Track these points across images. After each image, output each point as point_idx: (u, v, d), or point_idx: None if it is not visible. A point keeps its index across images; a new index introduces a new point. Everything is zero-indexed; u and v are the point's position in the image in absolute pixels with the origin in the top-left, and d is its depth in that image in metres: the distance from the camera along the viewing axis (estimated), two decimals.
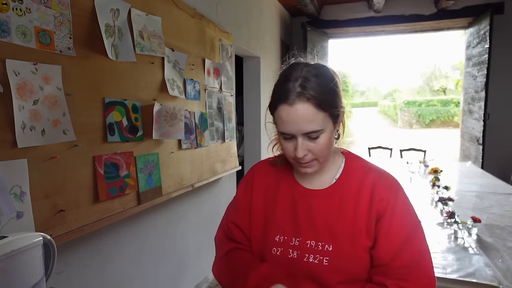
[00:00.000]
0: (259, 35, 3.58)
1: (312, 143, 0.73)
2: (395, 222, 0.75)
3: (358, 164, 0.84)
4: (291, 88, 0.71)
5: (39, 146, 1.01)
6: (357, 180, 0.79)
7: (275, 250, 0.78)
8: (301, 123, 0.71)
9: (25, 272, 0.71)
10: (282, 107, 0.72)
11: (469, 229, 1.73)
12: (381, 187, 0.77)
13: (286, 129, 0.73)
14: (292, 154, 0.75)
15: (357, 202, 0.77)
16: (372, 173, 0.80)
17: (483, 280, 1.28)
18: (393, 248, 0.74)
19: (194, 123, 1.97)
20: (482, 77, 4.08)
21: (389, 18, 4.67)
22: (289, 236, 0.78)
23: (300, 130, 0.71)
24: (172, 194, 1.75)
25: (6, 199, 0.88)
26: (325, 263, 0.74)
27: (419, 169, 3.48)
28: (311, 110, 0.71)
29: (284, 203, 0.82)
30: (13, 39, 0.93)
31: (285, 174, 0.87)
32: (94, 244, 1.37)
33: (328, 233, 0.76)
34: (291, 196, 0.82)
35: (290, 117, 0.71)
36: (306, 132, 0.72)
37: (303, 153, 0.73)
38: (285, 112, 0.72)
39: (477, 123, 4.30)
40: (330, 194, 0.79)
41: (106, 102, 1.28)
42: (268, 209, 0.84)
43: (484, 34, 4.08)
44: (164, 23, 1.66)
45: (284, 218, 0.81)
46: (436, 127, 17.36)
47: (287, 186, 0.84)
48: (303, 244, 0.77)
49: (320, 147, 0.73)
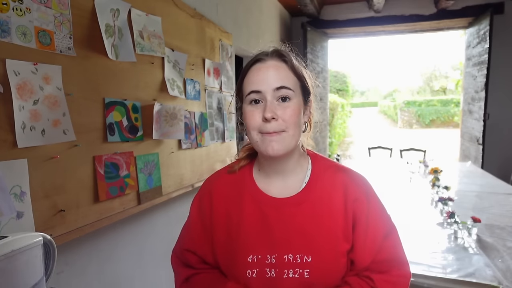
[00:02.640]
0: (259, 35, 3.58)
1: (281, 107, 0.68)
2: (372, 222, 0.72)
3: (325, 164, 0.78)
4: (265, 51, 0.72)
5: (39, 146, 1.01)
6: (328, 182, 0.74)
7: (250, 273, 0.70)
8: (273, 78, 0.68)
9: (25, 272, 0.71)
10: (254, 67, 0.70)
11: (469, 229, 1.73)
12: (353, 187, 0.73)
13: (255, 86, 0.68)
14: (257, 122, 0.68)
15: (330, 206, 0.72)
16: (340, 173, 0.76)
17: (483, 280, 1.28)
18: (374, 249, 0.72)
19: (194, 123, 1.97)
20: (482, 77, 4.08)
21: (389, 18, 4.67)
22: (263, 254, 0.70)
23: (270, 84, 0.68)
24: (172, 194, 1.75)
25: (6, 199, 0.88)
26: (306, 276, 0.68)
27: (419, 169, 3.49)
28: (284, 68, 0.70)
29: (252, 218, 0.73)
30: (13, 39, 0.93)
31: (246, 184, 0.77)
32: (94, 244, 1.37)
33: (304, 243, 0.70)
34: (258, 208, 0.74)
35: (261, 72, 0.69)
36: (277, 86, 0.67)
37: (271, 114, 0.66)
38: (256, 70, 0.69)
39: (477, 123, 4.30)
40: (301, 201, 0.73)
41: (106, 102, 1.29)
42: (233, 227, 0.74)
43: (484, 34, 4.08)
44: (164, 23, 1.66)
45: (255, 235, 0.72)
46: (436, 127, 17.36)
47: (252, 198, 0.75)
48: (280, 260, 0.70)
49: (291, 112, 0.68)
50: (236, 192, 0.77)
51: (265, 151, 0.69)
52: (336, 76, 15.75)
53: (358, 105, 29.00)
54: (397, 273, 0.72)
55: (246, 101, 0.71)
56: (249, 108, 0.70)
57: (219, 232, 0.76)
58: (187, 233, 0.81)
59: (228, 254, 0.74)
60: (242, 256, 0.72)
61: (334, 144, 10.02)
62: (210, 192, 0.79)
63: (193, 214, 0.81)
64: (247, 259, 0.71)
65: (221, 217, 0.76)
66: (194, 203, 0.82)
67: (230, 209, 0.76)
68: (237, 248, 0.73)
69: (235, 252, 0.73)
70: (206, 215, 0.78)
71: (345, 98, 14.39)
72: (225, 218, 0.76)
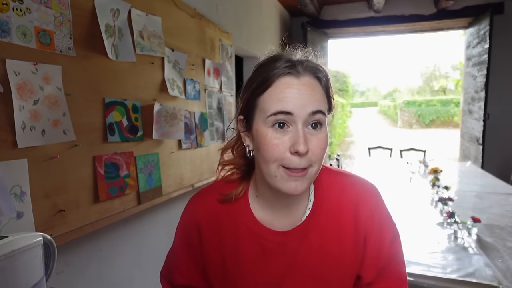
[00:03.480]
0: (259, 35, 3.58)
1: (314, 137, 0.55)
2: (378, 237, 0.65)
3: (329, 180, 0.66)
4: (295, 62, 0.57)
5: (39, 146, 1.01)
6: (334, 203, 0.64)
7: None
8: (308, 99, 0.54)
9: (25, 272, 0.71)
10: (283, 79, 0.55)
11: (469, 229, 1.73)
12: (364, 204, 0.64)
13: (285, 106, 0.53)
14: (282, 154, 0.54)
15: (339, 229, 0.63)
16: (349, 190, 0.65)
17: (483, 280, 1.28)
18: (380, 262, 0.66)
19: (194, 123, 1.97)
20: (482, 77, 4.08)
21: (389, 18, 4.67)
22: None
23: (306, 107, 0.54)
24: (172, 194, 1.75)
25: (6, 199, 0.88)
26: None
27: (419, 169, 3.49)
28: (319, 89, 0.57)
29: (251, 255, 0.63)
30: (13, 39, 0.93)
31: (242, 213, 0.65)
32: (94, 244, 1.37)
33: (313, 279, 0.63)
34: (259, 244, 0.63)
35: (295, 89, 0.54)
36: (314, 110, 0.54)
37: (305, 148, 0.53)
38: (286, 84, 0.55)
39: (477, 123, 4.30)
40: (306, 231, 0.63)
41: (106, 102, 1.29)
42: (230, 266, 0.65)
43: (484, 34, 4.08)
44: (164, 23, 1.66)
45: (256, 273, 0.63)
46: (436, 127, 17.36)
47: (249, 232, 0.64)
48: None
49: (322, 144, 0.56)
50: (229, 224, 0.66)
51: (285, 190, 0.56)
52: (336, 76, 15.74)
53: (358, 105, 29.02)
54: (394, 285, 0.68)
55: (266, 122, 0.55)
56: (271, 134, 0.55)
57: (214, 268, 0.67)
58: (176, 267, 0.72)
59: None
60: None
61: (334, 144, 10.02)
62: (197, 224, 0.67)
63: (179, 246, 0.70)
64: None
65: (214, 252, 0.66)
66: (178, 233, 0.71)
67: (224, 244, 0.66)
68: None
69: None
70: (195, 250, 0.68)
71: (345, 98, 14.38)
72: (219, 255, 0.66)
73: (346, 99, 14.25)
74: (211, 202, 0.67)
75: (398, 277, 0.69)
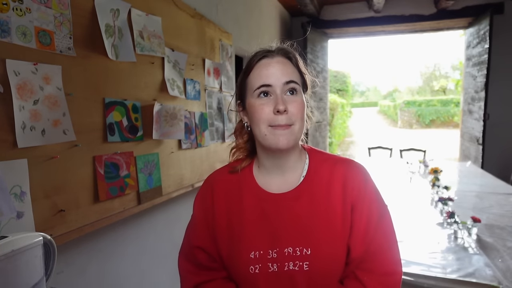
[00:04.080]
0: (259, 35, 3.58)
1: (290, 100, 0.71)
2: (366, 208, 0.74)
3: (322, 157, 0.80)
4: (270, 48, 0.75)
5: (39, 146, 1.01)
6: (325, 175, 0.76)
7: (253, 269, 0.72)
8: (281, 73, 0.72)
9: (25, 272, 0.71)
10: (261, 62, 0.74)
11: (469, 229, 1.73)
12: (352, 178, 0.75)
13: (265, 80, 0.71)
14: (267, 115, 0.71)
15: (328, 198, 0.74)
16: (339, 164, 0.77)
17: (483, 280, 1.28)
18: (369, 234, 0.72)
19: (194, 123, 1.97)
20: (482, 77, 4.08)
21: (389, 18, 4.67)
22: (265, 249, 0.72)
23: (280, 78, 0.71)
24: (172, 194, 1.75)
25: (6, 199, 0.88)
26: (305, 268, 0.70)
27: (419, 169, 3.49)
28: (290, 65, 0.74)
29: (252, 215, 0.75)
30: (13, 39, 0.93)
31: (247, 181, 0.79)
32: (94, 244, 1.37)
33: (304, 236, 0.72)
34: (258, 205, 0.76)
35: (271, 66, 0.72)
36: (287, 80, 0.71)
37: (283, 107, 0.69)
38: (264, 65, 0.73)
39: (477, 123, 4.30)
40: (299, 195, 0.75)
41: (106, 102, 1.29)
42: (235, 225, 0.76)
43: (484, 34, 4.08)
44: (164, 23, 1.66)
45: (256, 231, 0.74)
46: (436, 127, 17.36)
47: (252, 195, 0.77)
48: (281, 254, 0.72)
49: (298, 105, 0.72)
50: (237, 190, 0.79)
51: (274, 144, 0.71)
52: (336, 76, 15.75)
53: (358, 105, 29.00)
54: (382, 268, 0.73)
55: (253, 95, 0.73)
56: (258, 102, 0.72)
57: (221, 230, 0.77)
58: (193, 231, 0.82)
59: (231, 252, 0.76)
60: (244, 253, 0.73)
61: (334, 144, 10.03)
62: (212, 190, 0.81)
63: (196, 212, 0.82)
64: (250, 256, 0.73)
65: (222, 215, 0.78)
66: (196, 201, 0.84)
67: (231, 207, 0.78)
68: (239, 246, 0.74)
69: (237, 250, 0.74)
70: (208, 213, 0.80)
71: (345, 98, 14.38)
72: (226, 216, 0.78)
73: (346, 99, 14.24)
74: (223, 173, 0.83)
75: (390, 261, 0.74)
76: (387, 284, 0.72)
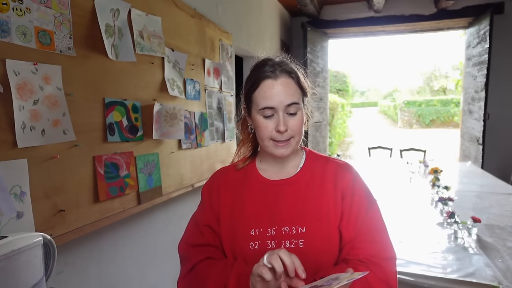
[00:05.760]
0: (259, 35, 3.58)
1: (291, 119, 0.78)
2: (356, 198, 0.81)
3: (317, 156, 0.90)
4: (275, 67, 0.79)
5: (39, 146, 1.01)
6: (320, 168, 0.85)
7: (253, 245, 0.79)
8: (284, 95, 0.77)
9: (25, 272, 0.72)
10: (266, 82, 0.78)
11: (469, 229, 1.73)
12: (342, 172, 0.84)
13: (269, 103, 0.77)
14: (270, 132, 0.78)
15: (322, 186, 0.82)
16: (331, 162, 0.87)
17: (483, 280, 1.28)
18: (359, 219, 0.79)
19: (194, 123, 1.97)
20: (482, 77, 4.08)
21: (389, 18, 4.67)
22: (264, 227, 0.80)
23: (282, 101, 0.77)
24: (172, 194, 1.75)
25: (6, 199, 0.88)
26: (300, 245, 0.77)
27: (419, 169, 3.49)
28: (293, 84, 0.79)
29: (254, 197, 0.84)
30: (13, 39, 0.93)
31: (250, 173, 0.88)
32: (94, 244, 1.37)
33: (299, 216, 0.80)
34: (260, 189, 0.85)
35: (275, 89, 0.77)
36: (288, 103, 0.77)
37: (284, 128, 0.76)
38: (269, 86, 0.77)
39: (477, 123, 4.30)
40: (296, 181, 0.84)
41: (106, 102, 1.28)
42: (237, 209, 0.84)
43: (484, 34, 4.08)
44: (164, 23, 1.66)
45: (256, 211, 0.82)
46: (436, 127, 17.35)
47: (254, 182, 0.86)
48: (279, 232, 0.79)
49: (297, 123, 0.79)
50: (241, 181, 0.87)
51: (275, 153, 0.80)
52: (336, 76, 15.75)
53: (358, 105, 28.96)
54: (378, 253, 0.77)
55: (259, 112, 0.79)
56: (262, 120, 0.79)
57: (225, 215, 0.84)
58: (202, 213, 0.88)
59: (232, 229, 0.83)
60: (245, 230, 0.80)
61: (334, 144, 10.02)
62: (219, 182, 0.89)
63: (204, 197, 0.90)
64: (250, 233, 0.80)
65: (227, 203, 0.86)
66: (205, 189, 0.91)
67: (235, 195, 0.86)
68: (240, 224, 0.82)
69: (238, 227, 0.81)
70: (214, 201, 0.87)
71: (345, 98, 14.38)
72: (230, 203, 0.85)
73: (346, 99, 14.24)
74: (230, 170, 0.92)
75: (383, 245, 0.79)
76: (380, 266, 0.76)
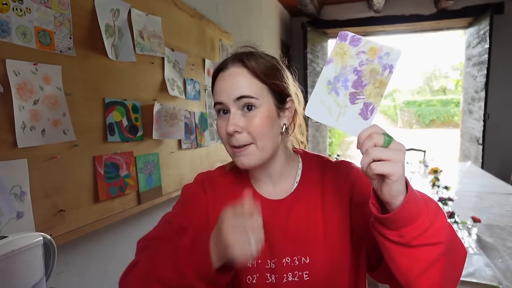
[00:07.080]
0: (259, 35, 3.58)
1: (246, 118, 0.64)
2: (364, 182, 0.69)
3: (315, 162, 0.77)
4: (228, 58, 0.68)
5: (39, 146, 1.01)
6: (318, 180, 0.73)
7: (251, 278, 0.68)
8: (233, 87, 0.63)
9: (25, 272, 0.71)
10: (218, 75, 0.67)
11: (469, 229, 1.73)
12: (342, 173, 0.73)
13: (218, 97, 0.65)
14: (225, 135, 0.65)
15: (323, 201, 0.71)
16: (329, 167, 0.75)
17: (483, 280, 1.28)
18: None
19: (194, 123, 1.97)
20: (482, 77, 4.08)
21: (389, 18, 4.67)
22: (263, 259, 0.69)
23: (231, 94, 0.63)
24: (172, 194, 1.75)
25: (6, 199, 0.88)
26: (305, 278, 0.67)
27: (419, 169, 3.49)
28: (245, 74, 0.64)
29: None
30: (13, 39, 0.93)
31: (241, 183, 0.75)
32: (94, 244, 1.37)
33: (301, 244, 0.69)
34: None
35: (223, 81, 0.65)
36: (237, 96, 0.63)
37: (233, 128, 0.62)
38: (219, 79, 0.66)
39: (477, 123, 4.30)
40: (293, 202, 0.72)
41: (106, 102, 1.28)
42: None
43: (484, 34, 4.08)
44: (164, 23, 1.66)
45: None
46: (436, 127, 17.35)
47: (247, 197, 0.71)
48: (279, 264, 0.68)
49: (256, 123, 0.63)
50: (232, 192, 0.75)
51: (239, 165, 0.67)
52: None
53: None
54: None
55: (216, 112, 0.68)
56: (218, 119, 0.67)
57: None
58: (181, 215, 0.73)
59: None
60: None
61: (334, 144, 10.02)
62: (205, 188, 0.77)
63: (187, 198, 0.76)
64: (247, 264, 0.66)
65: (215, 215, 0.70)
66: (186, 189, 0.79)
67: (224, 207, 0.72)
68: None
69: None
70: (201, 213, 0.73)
71: None
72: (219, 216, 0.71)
73: None
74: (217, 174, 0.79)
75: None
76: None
